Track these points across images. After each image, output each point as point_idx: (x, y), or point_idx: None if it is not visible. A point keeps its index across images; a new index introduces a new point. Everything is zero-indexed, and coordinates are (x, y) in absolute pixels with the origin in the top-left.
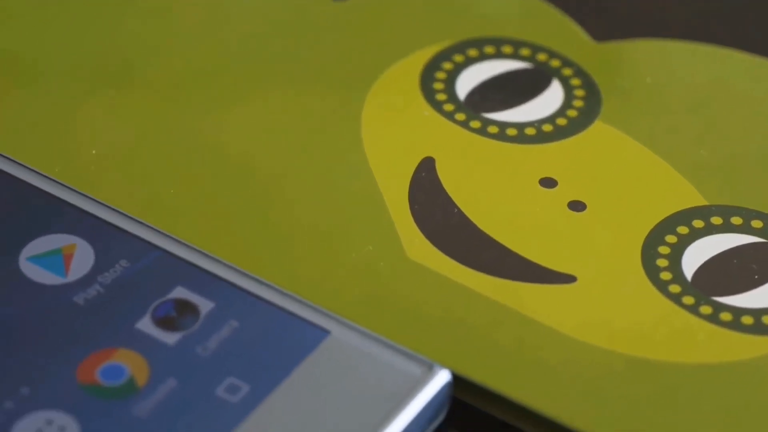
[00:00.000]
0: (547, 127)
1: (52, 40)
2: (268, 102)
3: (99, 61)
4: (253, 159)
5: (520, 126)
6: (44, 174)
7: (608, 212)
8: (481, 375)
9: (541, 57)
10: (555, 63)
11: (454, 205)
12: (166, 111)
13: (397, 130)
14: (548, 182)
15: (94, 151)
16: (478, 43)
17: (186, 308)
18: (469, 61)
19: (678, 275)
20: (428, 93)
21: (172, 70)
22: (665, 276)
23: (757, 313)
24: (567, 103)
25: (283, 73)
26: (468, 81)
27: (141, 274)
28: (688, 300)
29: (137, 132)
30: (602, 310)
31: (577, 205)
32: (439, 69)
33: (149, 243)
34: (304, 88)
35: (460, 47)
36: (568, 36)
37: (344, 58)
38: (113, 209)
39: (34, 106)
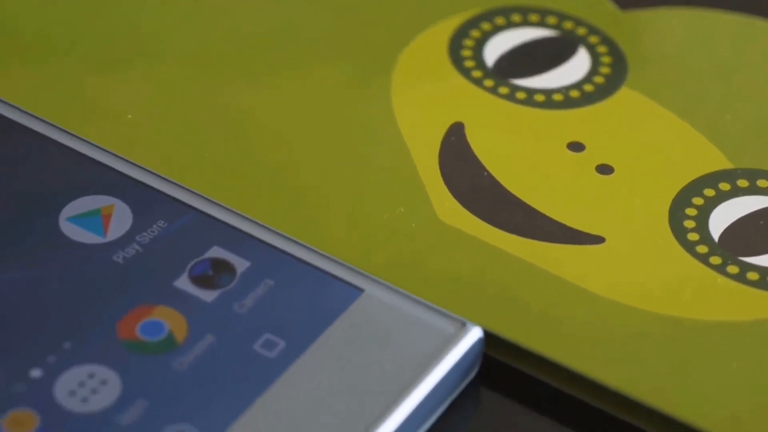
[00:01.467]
0: (574, 93)
1: (89, 12)
2: (299, 71)
3: (133, 32)
4: (284, 126)
5: (548, 92)
6: (82, 137)
7: (636, 175)
8: (511, 332)
9: (567, 25)
10: (581, 31)
11: (484, 169)
12: (198, 80)
13: (426, 96)
14: (576, 146)
15: (129, 116)
16: (505, 11)
17: (222, 267)
18: (497, 29)
19: (705, 236)
20: (457, 60)
21: (204, 42)
22: (692, 237)
23: None
24: (593, 70)
25: (313, 42)
26: (496, 48)
27: (178, 234)
28: (716, 260)
29: (171, 98)
30: (630, 269)
31: (604, 169)
32: (467, 37)
33: (185, 204)
34: (334, 56)
35: (488, 15)
36: (593, 4)
37: (373, 26)
38: (150, 171)
39: (72, 74)
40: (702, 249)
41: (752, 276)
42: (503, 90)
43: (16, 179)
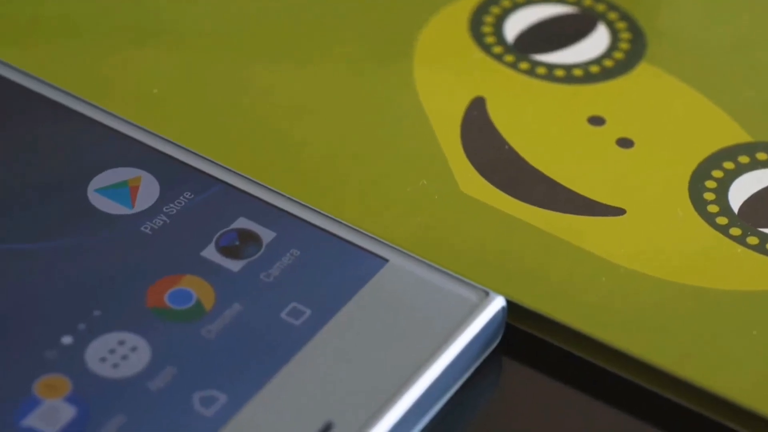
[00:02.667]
0: (594, 69)
1: None
2: (321, 47)
3: (158, 8)
4: (307, 101)
5: (568, 67)
6: (109, 111)
7: (656, 148)
8: (534, 301)
9: (587, 1)
10: (600, 7)
11: (505, 142)
12: (222, 56)
13: (448, 71)
14: (596, 120)
15: (155, 90)
16: None
17: (248, 237)
18: (517, 6)
19: (725, 208)
20: (477, 36)
21: (227, 19)
22: (712, 209)
23: None
24: (613, 46)
25: (335, 18)
26: (516, 25)
27: (204, 206)
28: (735, 231)
29: (195, 73)
30: (651, 240)
31: (625, 142)
32: (488, 13)
33: (211, 176)
34: (356, 32)
35: None
36: None
37: (394, 3)
38: (176, 144)
39: (98, 49)
40: (722, 220)
41: None
42: (524, 65)
43: (46, 152)
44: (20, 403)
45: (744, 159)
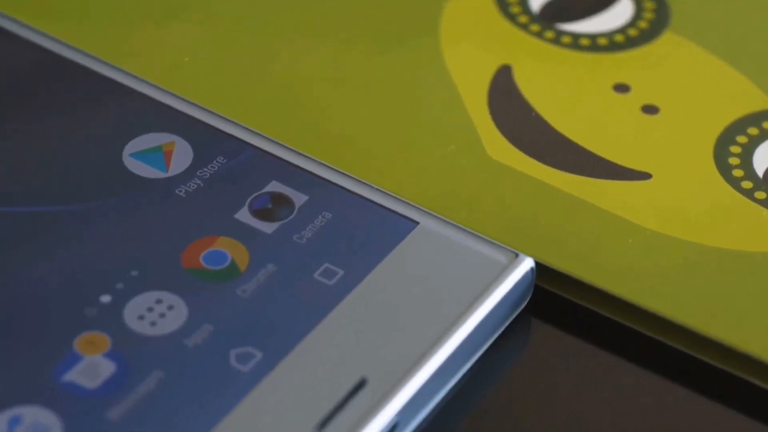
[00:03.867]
0: (619, 38)
1: None
2: (349, 17)
3: None
4: (337, 69)
5: (593, 36)
6: (143, 78)
7: (681, 115)
8: (562, 263)
9: None
10: None
11: (532, 109)
12: (251, 27)
13: (474, 41)
14: (621, 88)
15: (186, 59)
16: None
17: (281, 201)
18: None
19: (749, 172)
20: (502, 6)
21: None
22: (737, 173)
23: None
24: (637, 15)
25: None
26: None
27: (237, 170)
28: (760, 195)
29: (226, 43)
30: (677, 204)
31: (650, 109)
32: None
33: (243, 141)
34: (383, 3)
35: None
36: None
37: None
38: (209, 110)
39: (132, 19)
40: (747, 184)
41: None
42: (549, 34)
43: (82, 118)
44: (61, 359)
45: None
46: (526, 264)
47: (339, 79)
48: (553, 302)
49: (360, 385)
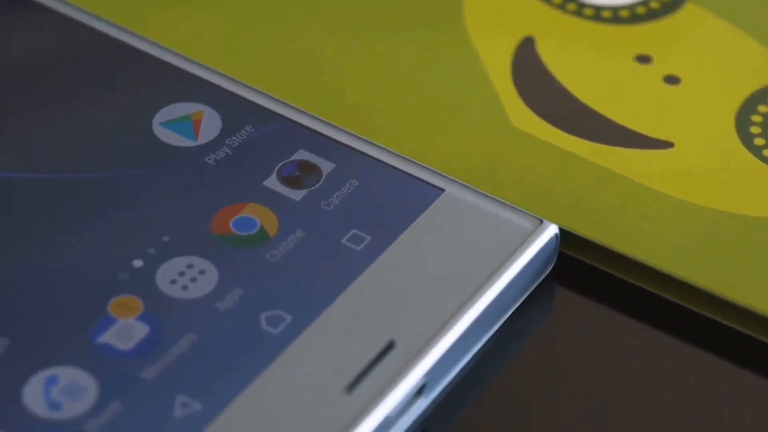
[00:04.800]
0: (641, 10)
1: None
2: None
3: None
4: (363, 39)
5: (615, 8)
6: (171, 49)
7: (702, 85)
8: (586, 229)
9: None
10: None
11: (555, 80)
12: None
13: (497, 13)
14: (643, 59)
15: (215, 31)
16: None
17: (309, 169)
18: None
19: None
20: None
21: None
22: (759, 142)
23: None
24: None
25: None
26: None
27: (265, 139)
28: None
29: (254, 16)
30: (699, 172)
31: (672, 79)
32: None
33: (271, 111)
34: None
35: None
36: None
37: None
38: (236, 80)
39: None
40: None
41: None
42: (571, 7)
43: (113, 89)
44: (96, 321)
45: None
46: (551, 230)
47: (364, 51)
48: (577, 269)
49: (388, 347)
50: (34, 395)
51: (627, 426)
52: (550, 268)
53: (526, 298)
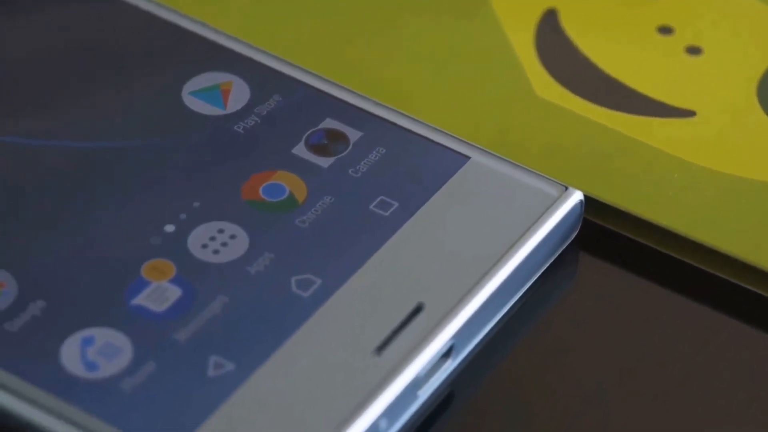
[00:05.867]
0: None
1: None
2: None
3: None
4: (387, 11)
5: None
6: (200, 20)
7: (724, 55)
8: (610, 196)
9: None
10: None
11: (578, 51)
12: None
13: None
14: (665, 30)
15: (243, 3)
16: None
17: (336, 137)
18: None
19: None
20: None
21: None
22: None
23: None
24: None
25: None
26: None
27: (293, 108)
28: None
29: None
30: (722, 139)
31: (693, 50)
32: None
33: (298, 81)
34: None
35: None
36: None
37: None
38: (264, 51)
39: None
40: None
41: None
42: None
43: (144, 60)
44: (130, 284)
45: None
46: (576, 196)
47: (389, 24)
48: (601, 235)
49: (417, 310)
50: (71, 355)
51: (650, 390)
52: (574, 235)
53: (551, 264)
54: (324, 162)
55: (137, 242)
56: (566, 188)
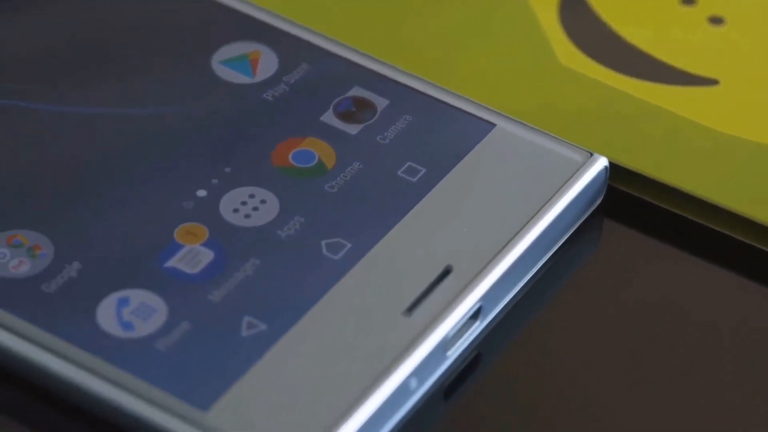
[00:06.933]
0: None
1: None
2: None
3: None
4: None
5: None
6: None
7: (746, 25)
8: (634, 162)
9: None
10: None
11: (602, 21)
12: None
13: None
14: (688, 0)
15: None
16: None
17: (364, 104)
18: None
19: None
20: None
21: None
22: None
23: None
24: None
25: None
26: None
27: (320, 76)
28: None
29: None
30: (744, 107)
31: (716, 20)
32: None
33: (326, 50)
34: None
35: None
36: None
37: None
38: (291, 20)
39: None
40: None
41: None
42: None
43: (173, 31)
44: (163, 248)
45: None
46: (601, 162)
47: None
48: (625, 203)
49: (445, 273)
50: (107, 316)
51: (673, 354)
52: (599, 200)
53: (576, 229)
54: (352, 129)
55: (170, 207)
56: (591, 154)
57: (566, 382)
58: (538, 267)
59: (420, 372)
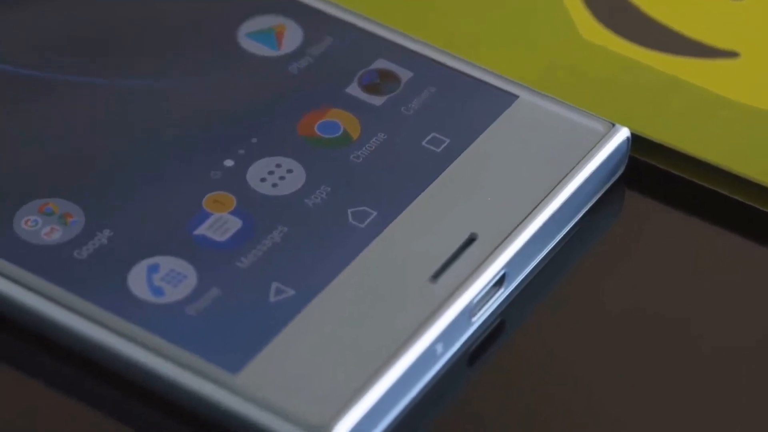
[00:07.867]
0: None
1: None
2: None
3: None
4: None
5: None
6: None
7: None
8: (656, 133)
9: None
10: None
11: None
12: None
13: None
14: None
15: None
16: None
17: (388, 76)
18: None
19: None
20: None
21: None
22: None
23: None
24: None
25: None
26: None
27: (345, 49)
28: None
29: None
30: (764, 79)
31: None
32: None
33: (350, 23)
34: None
35: None
36: None
37: None
38: None
39: None
40: None
41: None
42: None
43: (200, 5)
44: (192, 216)
45: None
46: (623, 133)
47: None
48: (646, 173)
49: (470, 240)
50: (137, 281)
51: (693, 321)
52: (621, 171)
53: (598, 199)
54: (377, 101)
55: (198, 176)
56: (613, 125)
57: (588, 349)
58: (561, 236)
59: (446, 337)
